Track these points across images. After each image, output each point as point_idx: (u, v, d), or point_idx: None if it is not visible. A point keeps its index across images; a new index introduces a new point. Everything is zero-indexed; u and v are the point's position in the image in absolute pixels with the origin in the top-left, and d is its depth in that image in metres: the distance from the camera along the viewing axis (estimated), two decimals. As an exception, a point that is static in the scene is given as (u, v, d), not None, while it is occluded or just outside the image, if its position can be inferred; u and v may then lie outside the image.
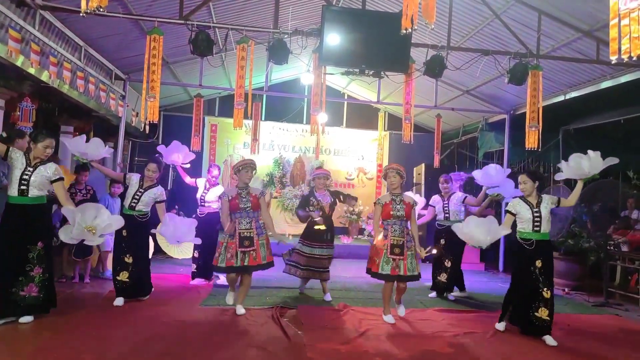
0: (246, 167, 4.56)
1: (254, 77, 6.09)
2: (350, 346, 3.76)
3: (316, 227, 5.22)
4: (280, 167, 10.68)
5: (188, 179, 6.16)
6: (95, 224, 3.78)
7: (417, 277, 4.45)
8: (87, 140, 4.57)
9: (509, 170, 5.72)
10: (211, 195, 5.95)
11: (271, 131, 10.94)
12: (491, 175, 5.45)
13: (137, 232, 4.73)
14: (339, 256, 7.69)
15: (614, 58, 2.77)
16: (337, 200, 5.46)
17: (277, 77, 10.55)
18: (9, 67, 4.98)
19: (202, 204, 5.99)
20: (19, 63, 4.90)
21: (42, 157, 3.89)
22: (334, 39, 5.45)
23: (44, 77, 5.46)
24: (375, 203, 4.69)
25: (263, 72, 9.14)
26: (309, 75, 9.14)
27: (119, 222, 4.07)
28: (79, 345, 3.44)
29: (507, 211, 4.41)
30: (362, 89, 10.84)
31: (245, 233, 4.42)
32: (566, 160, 4.42)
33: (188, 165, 6.20)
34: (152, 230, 4.87)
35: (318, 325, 4.27)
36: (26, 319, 3.78)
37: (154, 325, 4.05)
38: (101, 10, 3.70)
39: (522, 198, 4.35)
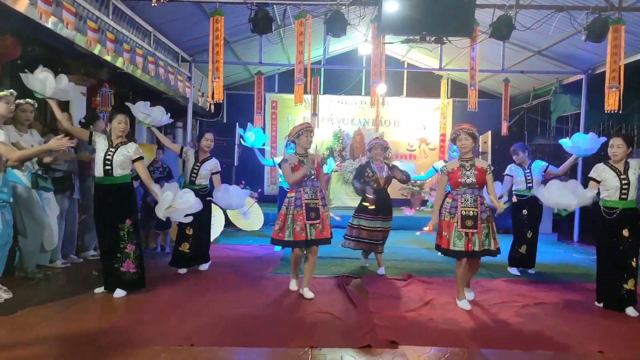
0: (306, 131, 4.21)
1: (312, 51, 6.10)
2: (416, 314, 3.82)
3: (364, 203, 5.14)
4: (340, 141, 10.72)
5: (264, 160, 6.39)
6: (175, 204, 4.00)
7: (494, 253, 3.97)
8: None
9: (604, 139, 5.21)
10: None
11: (330, 105, 10.96)
12: (582, 146, 5.04)
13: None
14: (401, 227, 7.71)
15: None
16: (394, 175, 5.23)
17: (334, 49, 10.47)
18: (89, 56, 5.40)
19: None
20: (96, 51, 5.27)
21: (119, 134, 4.06)
22: (393, 6, 5.29)
23: (119, 63, 5.85)
24: (440, 171, 4.28)
25: (321, 45, 9.12)
26: (366, 45, 9.01)
27: (198, 204, 4.20)
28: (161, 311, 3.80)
29: (590, 178, 4.09)
30: (422, 56, 10.47)
31: (312, 204, 4.16)
32: None
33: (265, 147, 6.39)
34: (208, 198, 4.98)
35: (383, 294, 4.36)
36: (120, 293, 4.02)
37: (228, 292, 4.35)
38: None
39: (607, 164, 4.04)
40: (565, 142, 5.31)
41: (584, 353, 3.13)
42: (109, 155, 4.02)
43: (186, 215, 4.10)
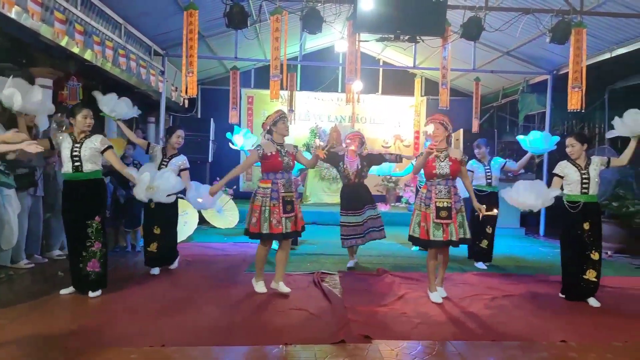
0: (282, 118, 4.07)
1: (288, 47, 6.12)
2: (389, 308, 3.90)
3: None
4: (317, 137, 10.76)
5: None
6: (155, 184, 3.97)
7: (467, 241, 4.12)
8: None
9: (557, 138, 5.50)
10: None
11: (306, 101, 10.98)
12: (537, 145, 5.28)
13: (164, 203, 4.65)
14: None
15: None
16: (368, 166, 5.23)
17: (311, 45, 10.48)
18: (56, 48, 5.23)
19: None
20: (64, 43, 5.10)
21: (84, 128, 3.92)
22: (368, 4, 5.36)
23: (88, 55, 5.69)
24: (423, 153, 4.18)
25: (297, 41, 9.11)
26: (343, 42, 9.05)
27: (179, 184, 4.18)
28: (136, 311, 3.76)
29: (554, 174, 4.30)
30: (397, 55, 10.62)
31: (288, 197, 4.04)
32: (614, 118, 4.25)
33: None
34: (180, 196, 4.89)
35: (358, 289, 4.43)
36: (96, 293, 3.94)
37: (201, 290, 4.32)
38: None
39: (570, 160, 4.25)
40: (522, 139, 5.54)
41: (549, 342, 3.28)
42: (76, 151, 3.90)
43: (168, 195, 4.06)
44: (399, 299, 4.16)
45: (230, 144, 6.60)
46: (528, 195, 4.02)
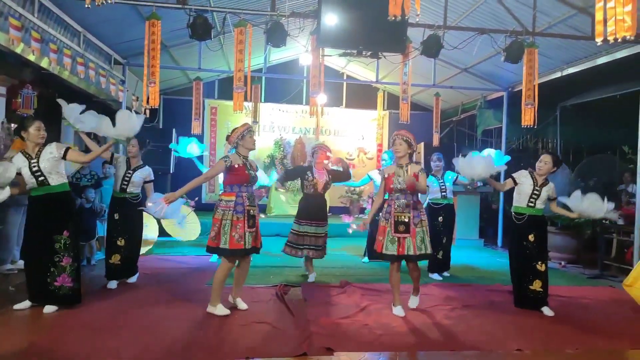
0: (249, 132, 3.98)
1: (252, 59, 6.12)
2: (352, 320, 3.92)
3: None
4: (281, 149, 10.77)
5: (205, 169, 6.22)
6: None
7: (428, 256, 4.11)
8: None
9: (508, 158, 5.71)
10: None
11: (271, 113, 10.99)
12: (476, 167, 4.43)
13: (129, 214, 4.70)
14: (340, 235, 7.87)
15: (599, 40, 2.83)
16: (332, 180, 5.34)
17: (276, 58, 10.53)
18: (10, 55, 5.03)
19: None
20: (19, 50, 4.93)
21: (38, 140, 3.80)
22: (331, 20, 5.47)
23: (44, 63, 5.50)
24: (381, 175, 4.32)
25: (262, 53, 9.14)
26: (307, 56, 9.15)
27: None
28: (94, 329, 3.62)
29: (510, 175, 4.46)
30: (361, 69, 10.83)
31: (252, 211, 3.95)
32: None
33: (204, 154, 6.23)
34: (140, 208, 4.79)
35: (321, 302, 4.43)
36: (50, 308, 3.79)
37: (161, 305, 4.21)
38: (110, 2, 3.67)
39: (531, 172, 4.40)
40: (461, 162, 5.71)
41: (505, 351, 3.39)
42: (34, 166, 3.75)
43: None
44: (361, 310, 4.19)
45: (174, 153, 6.50)
46: (479, 164, 4.22)
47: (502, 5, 5.95)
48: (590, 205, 4.21)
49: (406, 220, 3.99)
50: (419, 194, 4.13)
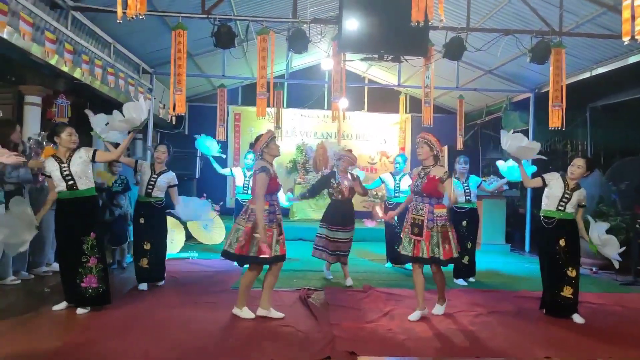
0: (274, 139, 3.92)
1: (275, 65, 6.21)
2: (375, 325, 3.91)
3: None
4: (303, 154, 10.83)
5: (222, 170, 6.34)
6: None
7: (443, 262, 3.98)
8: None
9: (534, 169, 5.50)
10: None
11: (293, 118, 11.07)
12: (514, 173, 5.32)
13: (154, 218, 4.83)
14: (362, 239, 7.86)
15: (626, 39, 2.76)
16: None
17: (297, 63, 10.63)
18: (45, 67, 5.27)
19: (246, 191, 5.95)
20: (53, 62, 5.16)
21: (70, 145, 3.93)
22: (352, 25, 5.49)
23: (77, 74, 5.73)
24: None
25: (284, 60, 9.24)
26: (329, 61, 9.20)
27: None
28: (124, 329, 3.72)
29: (541, 175, 4.37)
30: (382, 73, 10.81)
31: (280, 219, 3.94)
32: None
33: (223, 155, 6.40)
34: (168, 211, 4.95)
35: (344, 306, 4.43)
36: (82, 310, 3.91)
37: (187, 307, 4.29)
38: (141, 17, 3.80)
39: (563, 175, 4.31)
40: (501, 166, 5.64)
41: (533, 359, 3.31)
42: (65, 170, 3.90)
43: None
44: (384, 315, 4.17)
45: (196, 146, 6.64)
46: (517, 141, 4.18)
47: (527, 5, 5.84)
48: (607, 243, 4.24)
49: (419, 223, 3.99)
50: (445, 198, 4.08)
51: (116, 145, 4.43)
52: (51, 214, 5.16)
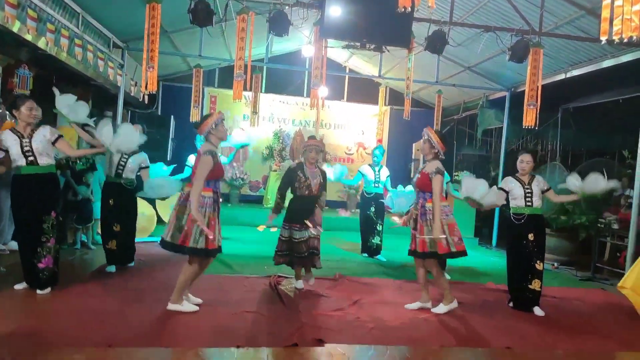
0: (223, 121, 3.71)
1: (254, 49, 6.05)
2: (344, 313, 3.90)
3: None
4: (280, 141, 10.71)
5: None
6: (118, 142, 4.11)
7: (438, 256, 3.95)
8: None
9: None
10: None
11: (271, 104, 10.91)
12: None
13: (124, 200, 4.70)
14: (336, 228, 7.85)
15: (604, 39, 2.79)
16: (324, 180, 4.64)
17: (278, 48, 10.44)
18: (6, 34, 4.94)
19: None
20: (15, 29, 4.84)
21: (30, 120, 3.77)
22: (336, 11, 5.41)
23: (41, 44, 5.42)
24: None
25: (264, 43, 9.05)
26: (310, 47, 9.08)
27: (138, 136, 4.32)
28: (87, 312, 3.58)
29: (499, 188, 4.49)
30: (363, 63, 10.75)
31: (219, 209, 3.71)
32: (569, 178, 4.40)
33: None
34: (138, 194, 4.82)
35: (313, 294, 4.42)
36: (45, 291, 3.80)
37: (153, 292, 4.17)
38: None
39: (514, 177, 4.46)
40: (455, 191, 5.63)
41: (495, 348, 3.39)
42: (26, 146, 3.75)
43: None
44: (354, 303, 4.17)
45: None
46: (481, 187, 4.24)
47: (509, 3, 5.88)
48: (591, 181, 4.26)
49: (415, 217, 4.10)
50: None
51: (83, 126, 4.29)
52: (7, 191, 4.93)
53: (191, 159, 6.08)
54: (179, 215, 3.54)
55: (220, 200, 3.75)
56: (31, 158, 3.76)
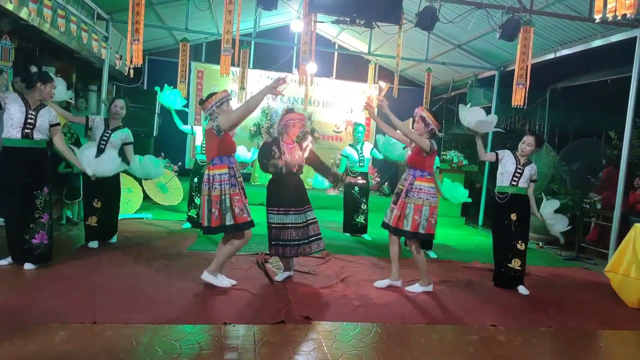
0: (229, 99, 3.71)
1: (242, 23, 5.88)
2: (330, 290, 3.94)
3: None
4: (268, 118, 10.59)
5: (183, 126, 5.94)
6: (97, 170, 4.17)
7: (407, 234, 3.94)
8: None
9: (465, 196, 5.74)
10: None
11: (259, 79, 10.72)
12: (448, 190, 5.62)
13: (106, 176, 4.61)
14: (322, 207, 7.84)
15: (598, 17, 2.76)
16: (309, 162, 4.23)
17: (266, 23, 10.22)
18: (-15, 3, 4.75)
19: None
20: (-5, -2, 4.67)
21: (47, 99, 3.86)
22: (326, -15, 5.28)
23: (23, 14, 5.22)
24: None
25: (252, 17, 8.84)
26: (299, 22, 8.89)
27: (120, 163, 4.37)
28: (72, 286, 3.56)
29: (495, 152, 4.53)
30: (353, 39, 10.59)
31: (242, 183, 3.72)
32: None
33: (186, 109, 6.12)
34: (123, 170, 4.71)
35: (300, 271, 4.44)
36: (30, 266, 3.79)
37: (140, 268, 4.16)
38: None
39: (514, 153, 4.43)
40: (379, 139, 5.77)
41: (479, 326, 3.45)
42: (31, 118, 3.72)
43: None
44: (341, 281, 4.21)
45: (157, 97, 6.28)
46: (476, 114, 4.31)
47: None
48: (555, 220, 4.44)
49: (399, 192, 4.06)
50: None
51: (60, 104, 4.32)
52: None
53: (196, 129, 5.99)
54: (207, 199, 3.60)
55: (239, 176, 3.68)
56: (27, 131, 3.72)
